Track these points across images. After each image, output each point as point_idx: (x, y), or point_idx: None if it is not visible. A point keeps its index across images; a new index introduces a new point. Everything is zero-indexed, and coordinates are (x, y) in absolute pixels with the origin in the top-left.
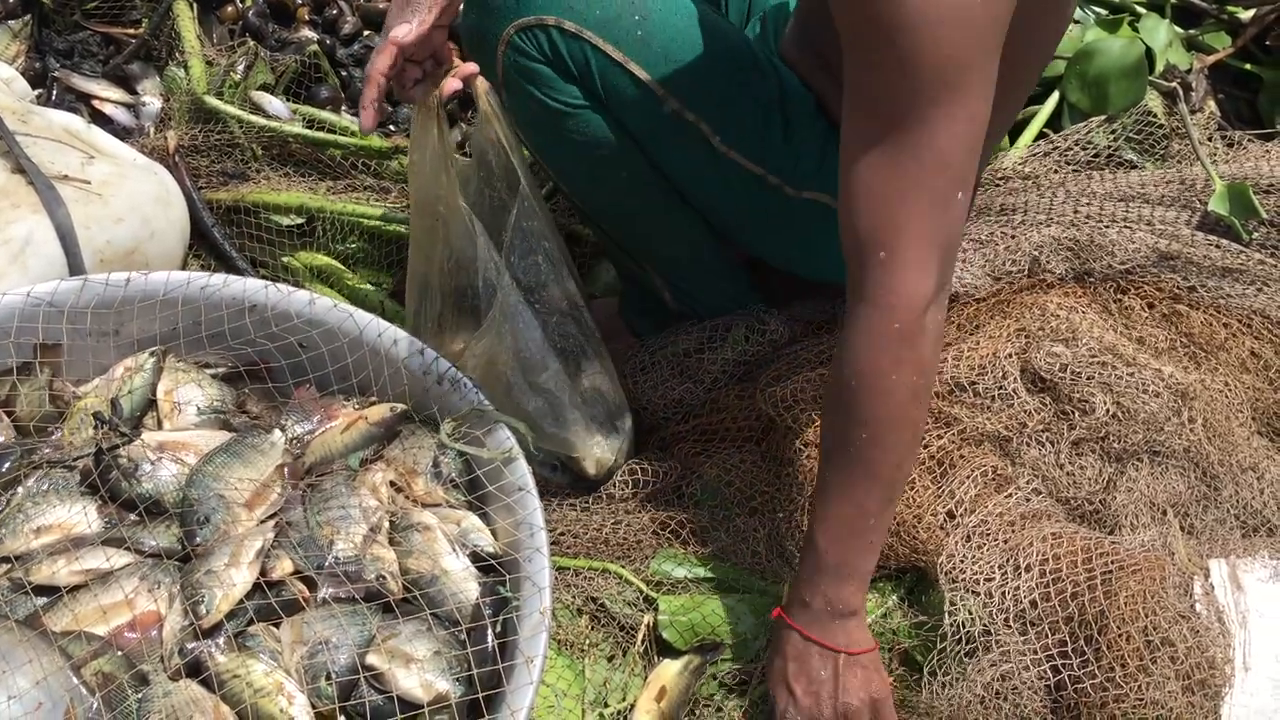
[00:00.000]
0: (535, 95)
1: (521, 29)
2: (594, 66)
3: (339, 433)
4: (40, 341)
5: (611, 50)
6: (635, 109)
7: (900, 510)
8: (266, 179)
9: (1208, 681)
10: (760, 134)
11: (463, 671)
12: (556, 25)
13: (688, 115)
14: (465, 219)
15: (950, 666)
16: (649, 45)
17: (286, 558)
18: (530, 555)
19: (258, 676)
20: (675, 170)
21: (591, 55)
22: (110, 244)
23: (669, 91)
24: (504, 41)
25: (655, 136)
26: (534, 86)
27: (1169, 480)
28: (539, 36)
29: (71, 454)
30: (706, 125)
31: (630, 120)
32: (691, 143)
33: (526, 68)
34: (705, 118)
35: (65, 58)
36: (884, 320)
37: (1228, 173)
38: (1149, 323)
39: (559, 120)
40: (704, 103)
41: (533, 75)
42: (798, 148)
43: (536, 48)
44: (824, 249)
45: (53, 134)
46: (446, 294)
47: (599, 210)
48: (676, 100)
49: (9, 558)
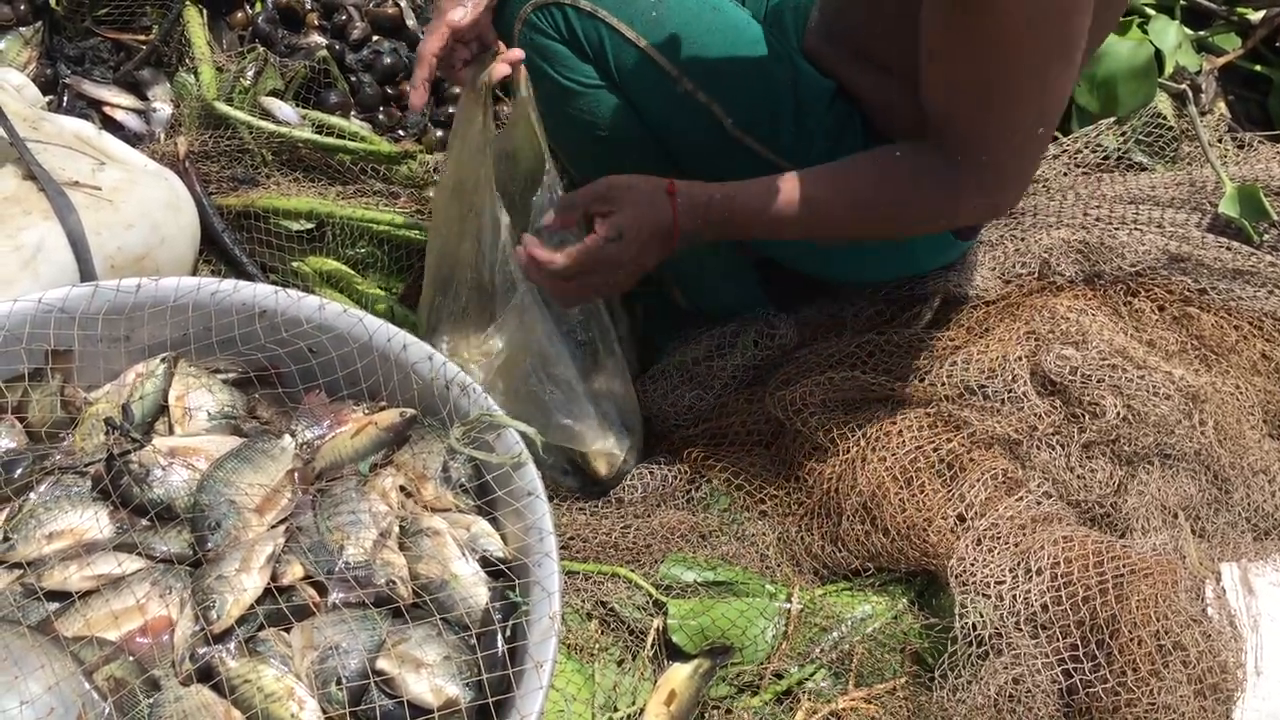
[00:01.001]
0: (549, 74)
1: (538, 7)
2: (608, 46)
3: (349, 438)
4: (52, 348)
5: (626, 30)
6: (648, 89)
7: (910, 513)
8: (276, 184)
9: (1220, 686)
10: (772, 119)
11: (472, 676)
12: (572, 4)
13: (700, 97)
14: (495, 208)
15: (962, 669)
16: (664, 26)
17: (297, 563)
18: (540, 560)
19: (269, 681)
20: (686, 154)
21: (606, 34)
22: (121, 250)
23: (683, 72)
24: (521, 20)
25: (667, 118)
26: (549, 65)
27: (1180, 483)
28: (555, 15)
29: (83, 460)
30: (719, 107)
31: (643, 101)
32: (704, 125)
33: (543, 46)
34: (718, 100)
35: (76, 64)
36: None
37: (1238, 174)
38: (1159, 325)
39: (573, 99)
40: (717, 85)
41: (548, 53)
42: (810, 134)
43: (553, 26)
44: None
45: (64, 140)
46: (471, 286)
47: None
48: (690, 81)
49: (21, 563)
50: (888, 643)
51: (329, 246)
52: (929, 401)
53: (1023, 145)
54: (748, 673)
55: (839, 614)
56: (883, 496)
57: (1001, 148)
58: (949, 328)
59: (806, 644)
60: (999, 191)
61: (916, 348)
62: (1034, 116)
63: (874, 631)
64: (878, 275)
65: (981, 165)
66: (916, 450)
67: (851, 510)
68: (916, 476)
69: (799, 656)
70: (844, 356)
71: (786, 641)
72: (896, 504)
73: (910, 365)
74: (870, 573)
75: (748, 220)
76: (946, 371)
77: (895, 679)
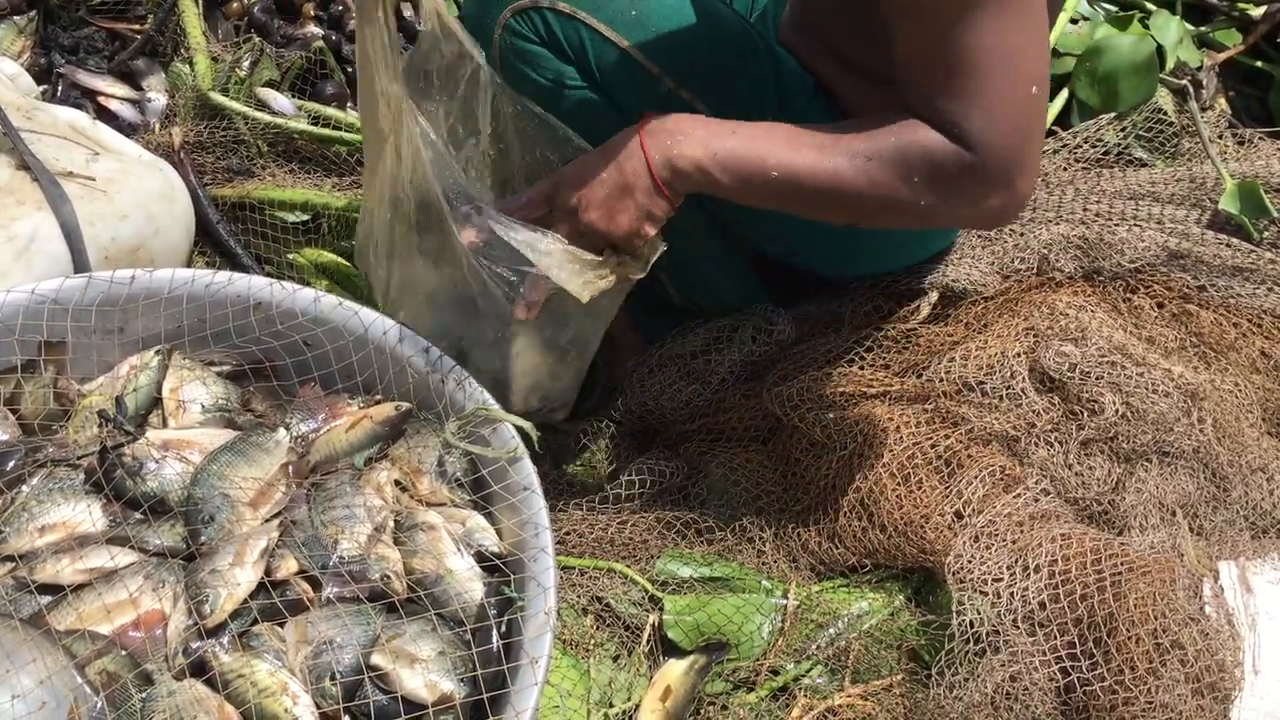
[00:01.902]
0: (531, 77)
1: (518, 11)
2: (589, 47)
3: (344, 431)
4: (45, 339)
5: (605, 30)
6: (630, 89)
7: (907, 510)
8: (272, 175)
9: (1217, 685)
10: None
11: (467, 672)
12: (551, 7)
13: (683, 94)
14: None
15: (959, 666)
16: (644, 25)
17: (291, 557)
18: (535, 555)
19: (262, 676)
20: None
21: (586, 36)
22: (115, 241)
23: (664, 71)
24: (500, 25)
25: None
26: (530, 68)
27: (1178, 481)
28: (534, 18)
29: (76, 452)
30: (702, 104)
31: (625, 100)
32: None
33: (523, 49)
34: (700, 97)
35: (70, 53)
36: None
37: (1238, 171)
38: (1158, 322)
39: (555, 102)
40: (699, 82)
41: (529, 57)
42: None
43: (532, 29)
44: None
45: (58, 130)
46: (390, 218)
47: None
48: (672, 79)
49: (13, 556)
50: (884, 639)
51: (324, 238)
52: (927, 398)
53: (1019, 112)
54: (744, 669)
55: (835, 610)
56: (880, 493)
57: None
58: (947, 323)
59: (803, 640)
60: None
61: (914, 343)
62: (1015, 75)
63: (871, 628)
64: (872, 268)
65: (979, 144)
66: (914, 446)
67: (849, 506)
68: (914, 473)
69: (795, 653)
70: (842, 352)
71: (783, 638)
72: (894, 500)
73: (908, 361)
74: (867, 569)
75: (746, 150)
76: (945, 367)
77: (892, 676)
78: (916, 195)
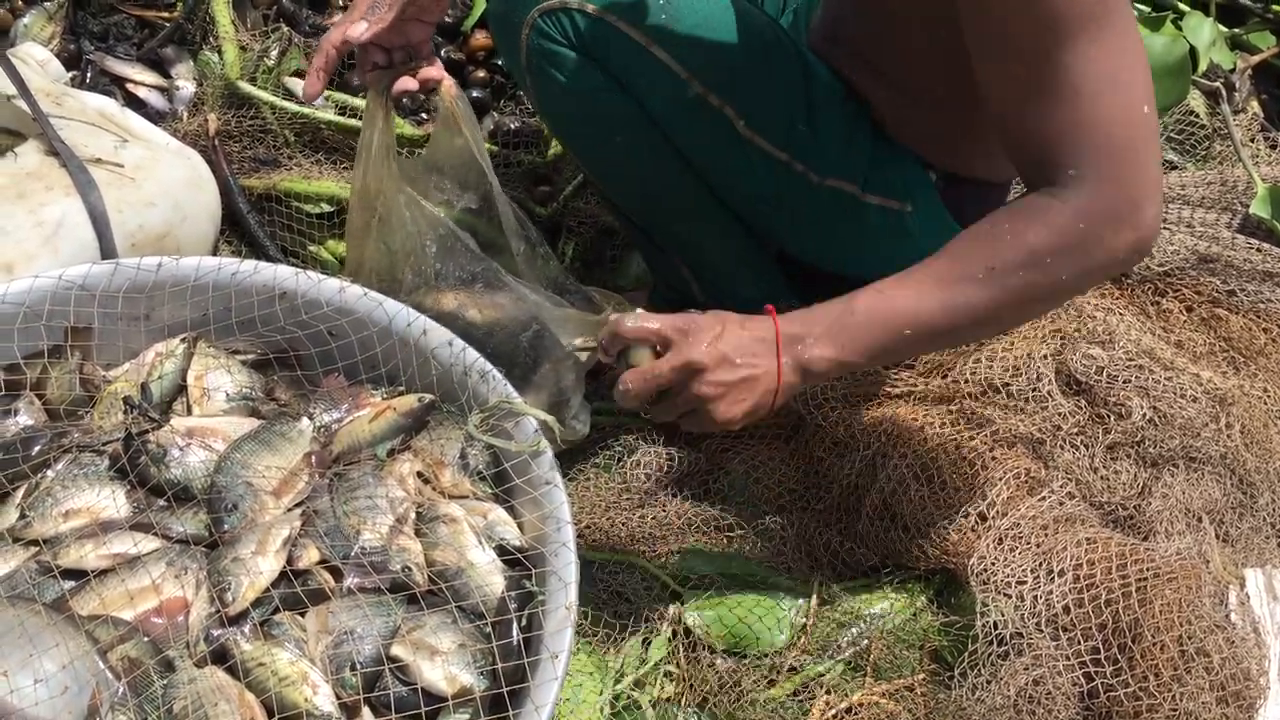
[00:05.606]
0: (558, 79)
1: (545, 12)
2: (616, 49)
3: (367, 422)
4: (71, 325)
5: (634, 33)
6: (658, 92)
7: (930, 511)
8: (298, 165)
9: (1242, 693)
10: (785, 119)
11: (487, 665)
12: (579, 8)
13: (712, 99)
14: (404, 208)
15: (982, 668)
16: (674, 29)
17: (313, 547)
18: (557, 549)
19: (283, 665)
20: (698, 155)
21: (614, 38)
22: (142, 228)
23: (693, 75)
24: (528, 25)
25: (678, 120)
26: (557, 70)
27: (1205, 487)
28: (562, 19)
29: (101, 438)
30: (731, 109)
31: (653, 103)
32: (715, 127)
33: (550, 51)
34: (730, 102)
35: (100, 40)
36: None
37: (1270, 175)
38: (1187, 326)
39: (582, 104)
40: (729, 87)
41: (556, 58)
42: (823, 134)
43: (560, 30)
44: (847, 240)
45: (86, 117)
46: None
47: (625, 197)
48: (701, 84)
49: (38, 541)
50: (906, 639)
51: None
52: (952, 398)
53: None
54: (765, 665)
55: (857, 610)
56: (903, 493)
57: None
58: None
59: (824, 638)
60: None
61: None
62: (1127, 97)
63: (892, 628)
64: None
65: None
66: (938, 447)
67: (871, 507)
68: (938, 474)
69: (816, 651)
70: None
71: (804, 635)
72: (917, 501)
73: (933, 361)
74: (889, 570)
75: (873, 325)
76: (970, 369)
77: (913, 676)
78: (1051, 276)
